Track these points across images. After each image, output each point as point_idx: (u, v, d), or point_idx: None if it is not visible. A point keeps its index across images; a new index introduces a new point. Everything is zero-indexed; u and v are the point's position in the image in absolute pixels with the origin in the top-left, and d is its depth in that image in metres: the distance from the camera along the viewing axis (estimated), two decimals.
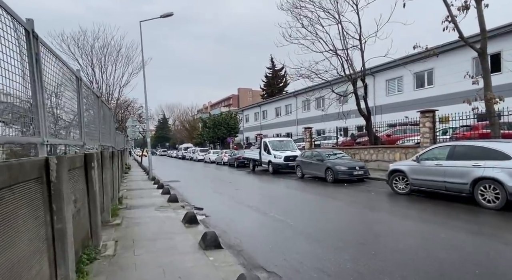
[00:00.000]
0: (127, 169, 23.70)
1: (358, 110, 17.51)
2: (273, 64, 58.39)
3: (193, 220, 6.34)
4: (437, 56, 13.67)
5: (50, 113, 3.13)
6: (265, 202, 9.70)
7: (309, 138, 22.74)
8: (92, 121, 6.00)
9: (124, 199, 9.55)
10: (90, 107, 5.83)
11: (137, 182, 15.05)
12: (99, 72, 28.22)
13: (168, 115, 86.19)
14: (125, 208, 8.05)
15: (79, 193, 4.00)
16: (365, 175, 13.16)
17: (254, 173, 19.94)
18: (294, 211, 8.04)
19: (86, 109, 5.40)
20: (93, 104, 6.06)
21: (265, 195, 11.24)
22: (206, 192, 12.23)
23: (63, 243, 2.72)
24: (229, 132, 44.58)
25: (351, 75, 17.32)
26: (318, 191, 11.25)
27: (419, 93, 24.02)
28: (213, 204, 9.45)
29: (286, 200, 10.01)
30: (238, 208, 8.77)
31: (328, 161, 13.64)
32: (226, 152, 31.15)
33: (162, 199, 9.62)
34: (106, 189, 6.31)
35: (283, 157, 18.30)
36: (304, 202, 9.51)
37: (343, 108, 18.45)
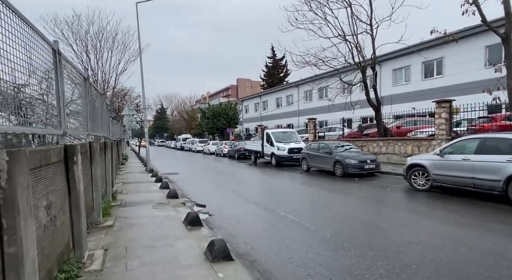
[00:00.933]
0: (124, 160, 22.87)
1: (367, 100, 16.64)
2: (273, 54, 57.04)
3: (196, 221, 5.55)
4: (456, 42, 12.74)
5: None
6: (272, 198, 8.92)
7: (313, 130, 21.90)
8: (78, 107, 5.12)
9: (119, 194, 8.75)
10: (81, 93, 4.95)
11: (134, 175, 14.24)
12: (94, 58, 27.11)
13: (166, 105, 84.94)
14: (119, 205, 7.24)
15: (55, 196, 3.17)
16: (377, 169, 12.39)
17: (256, 166, 19.17)
18: (305, 209, 7.26)
19: (72, 91, 4.53)
20: (80, 87, 5.18)
21: (271, 190, 10.47)
22: (208, 186, 11.45)
23: (18, 273, 1.90)
24: (229, 123, 43.64)
25: (360, 63, 16.37)
26: (328, 186, 10.48)
27: (427, 83, 23.12)
28: (216, 200, 8.67)
29: (294, 196, 9.24)
30: (243, 205, 7.99)
31: (337, 154, 12.84)
32: (226, 143, 30.32)
33: (160, 195, 8.82)
34: (96, 185, 5.49)
35: (287, 149, 17.50)
36: (314, 198, 8.73)
37: (346, 99, 17.57)
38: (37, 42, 3.09)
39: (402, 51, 24.07)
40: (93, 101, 6.15)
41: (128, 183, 11.39)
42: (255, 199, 8.62)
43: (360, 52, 16.17)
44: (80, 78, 5.22)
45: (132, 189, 9.80)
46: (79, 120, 5.29)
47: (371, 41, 15.77)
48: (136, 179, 12.61)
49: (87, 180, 5.00)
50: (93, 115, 6.64)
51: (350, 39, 16.04)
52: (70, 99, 4.46)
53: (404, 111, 17.89)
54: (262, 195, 9.43)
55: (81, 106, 5.34)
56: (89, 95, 5.51)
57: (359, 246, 4.63)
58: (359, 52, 16.17)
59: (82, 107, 5.38)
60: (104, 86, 28.13)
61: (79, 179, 3.85)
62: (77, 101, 5.04)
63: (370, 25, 15.48)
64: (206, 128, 47.72)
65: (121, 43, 27.70)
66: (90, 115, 5.53)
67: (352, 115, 23.40)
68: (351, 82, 16.93)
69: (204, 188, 11.01)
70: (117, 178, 12.51)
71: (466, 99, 13.67)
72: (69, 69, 4.35)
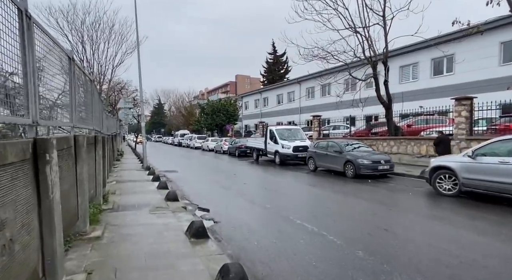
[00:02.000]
0: (119, 155, 21.88)
1: (377, 97, 15.79)
2: (274, 50, 56.06)
3: (201, 232, 4.65)
4: (481, 34, 11.88)
5: None
6: (283, 201, 8.04)
7: (318, 127, 21.03)
8: (60, 93, 4.18)
9: (112, 195, 7.82)
10: (65, 76, 4.02)
11: (130, 172, 13.29)
12: (90, 50, 26.02)
13: (164, 101, 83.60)
14: (111, 209, 6.32)
15: (13, 210, 2.26)
16: (391, 170, 11.55)
17: (259, 164, 18.28)
18: (323, 216, 6.38)
19: (51, 74, 3.59)
20: (63, 68, 4.24)
21: (279, 192, 9.59)
22: (209, 187, 10.54)
23: None
24: (228, 119, 42.64)
25: (371, 57, 15.49)
26: (341, 189, 9.63)
27: (436, 80, 22.31)
28: (221, 203, 7.77)
29: (307, 200, 8.36)
30: (252, 209, 7.10)
31: (348, 154, 11.98)
32: (226, 140, 29.39)
33: (158, 196, 7.91)
34: (82, 188, 4.56)
35: (292, 147, 16.61)
36: (330, 203, 7.86)
37: (354, 95, 16.71)
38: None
39: (410, 47, 23.22)
40: (81, 88, 5.21)
41: (123, 182, 10.45)
42: (264, 202, 7.74)
43: (371, 46, 15.28)
44: (63, 58, 4.28)
45: (126, 189, 8.87)
46: (61, 109, 4.36)
47: (384, 34, 14.88)
48: (131, 177, 11.67)
49: (69, 182, 4.08)
50: (82, 105, 5.70)
51: (360, 32, 15.14)
52: (47, 82, 3.52)
53: (411, 109, 17.09)
54: (270, 198, 8.54)
55: (65, 91, 4.40)
56: (74, 79, 4.56)
57: (403, 269, 3.76)
58: (370, 46, 15.28)
59: (65, 93, 4.45)
60: (100, 78, 27.07)
61: (54, 184, 2.93)
62: (59, 85, 4.10)
63: (383, 16, 14.58)
64: (205, 124, 46.68)
65: (118, 34, 26.67)
66: (75, 103, 4.58)
67: (357, 113, 22.55)
68: (364, 78, 16.03)
69: (206, 189, 10.11)
70: (111, 176, 11.57)
71: (478, 97, 12.83)
72: (45, 42, 3.40)
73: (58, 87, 4.08)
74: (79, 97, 5.48)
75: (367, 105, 18.83)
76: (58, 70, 4.16)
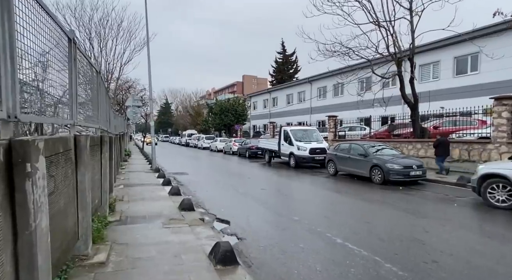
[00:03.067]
0: (127, 156, 21.14)
1: (402, 96, 14.74)
2: (283, 49, 55.06)
3: (230, 258, 3.73)
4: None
5: None
6: (312, 212, 7.08)
7: (334, 128, 19.98)
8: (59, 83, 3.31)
9: (119, 203, 6.96)
10: (64, 63, 3.16)
11: (138, 174, 12.47)
12: (98, 47, 25.42)
13: (171, 100, 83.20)
14: (118, 221, 5.44)
15: None
16: (423, 176, 10.50)
17: (272, 166, 17.34)
18: (368, 235, 5.40)
19: (41, 53, 2.72)
20: (62, 52, 3.37)
21: (304, 201, 8.62)
22: (225, 192, 9.63)
23: None
24: (237, 119, 41.79)
25: (396, 54, 14.43)
26: (373, 198, 8.64)
27: (459, 80, 21.11)
28: (241, 212, 6.84)
29: (339, 211, 7.36)
30: (279, 223, 6.16)
31: (375, 157, 10.96)
32: (236, 140, 28.51)
33: (170, 204, 7.02)
34: (83, 200, 3.69)
35: (308, 149, 15.64)
36: (368, 216, 6.87)
37: (375, 94, 15.62)
38: None
39: (430, 45, 22.03)
40: (83, 76, 4.34)
41: (131, 186, 9.61)
42: (290, 212, 6.79)
43: (396, 41, 14.23)
44: (62, 39, 3.41)
45: (135, 195, 8.01)
46: (64, 105, 3.49)
47: (410, 28, 13.82)
48: (140, 180, 10.83)
49: (67, 195, 3.20)
50: (86, 100, 4.83)
51: (384, 26, 14.09)
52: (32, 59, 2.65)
53: (431, 110, 15.98)
54: (295, 207, 7.59)
55: (63, 81, 3.54)
56: (75, 67, 3.69)
57: None
58: (394, 41, 14.23)
59: (63, 83, 3.59)
60: (107, 76, 26.45)
61: (38, 207, 2.04)
62: (59, 76, 3.23)
63: (409, 9, 13.52)
64: (213, 124, 45.92)
65: (126, 31, 26.03)
66: (76, 97, 3.71)
67: (371, 114, 21.43)
68: (383, 76, 14.97)
69: (221, 194, 9.20)
70: (118, 179, 10.75)
71: None
72: (35, 10, 2.52)
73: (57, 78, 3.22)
74: (84, 91, 4.62)
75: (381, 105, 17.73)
76: (59, 55, 3.29)
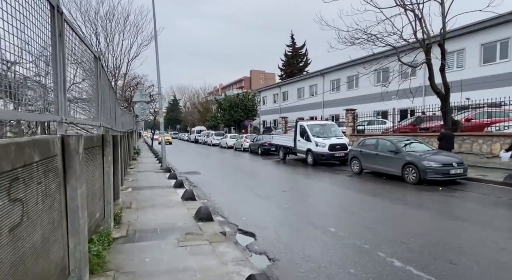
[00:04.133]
0: (136, 154, 20.44)
1: (431, 85, 13.51)
2: (293, 42, 53.59)
3: None
4: None
5: None
6: (350, 222, 6.08)
7: (352, 122, 18.83)
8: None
9: (126, 211, 6.10)
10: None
11: (147, 175, 11.65)
12: (105, 42, 24.69)
13: (179, 97, 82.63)
14: (124, 238, 4.54)
15: None
16: (464, 174, 9.37)
17: (287, 164, 16.35)
18: (432, 253, 4.39)
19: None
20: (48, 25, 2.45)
21: (335, 205, 7.62)
22: (243, 195, 8.69)
23: None
24: (247, 115, 40.82)
25: (424, 40, 13.18)
26: (414, 201, 7.59)
27: (487, 69, 19.64)
28: (266, 222, 5.89)
29: (381, 219, 6.30)
30: (315, 236, 5.17)
31: (408, 154, 9.86)
32: (247, 136, 27.57)
33: (185, 212, 6.12)
34: (74, 222, 2.79)
35: (327, 145, 14.58)
36: (421, 227, 5.84)
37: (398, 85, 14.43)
38: None
39: (455, 31, 20.53)
40: (75, 61, 3.41)
41: (140, 188, 8.76)
42: (324, 222, 5.81)
43: (424, 27, 12.96)
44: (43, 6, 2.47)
45: (145, 201, 7.13)
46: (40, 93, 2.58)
47: (441, 12, 12.54)
48: (150, 182, 9.98)
49: (48, 221, 2.29)
50: (80, 90, 3.91)
51: (412, 9, 12.82)
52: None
53: (456, 102, 14.69)
54: (329, 215, 6.59)
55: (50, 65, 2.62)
56: (61, 44, 2.75)
57: None
58: (422, 27, 12.97)
59: (48, 67, 2.67)
60: (115, 73, 25.75)
61: None
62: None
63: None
64: (222, 120, 45.08)
65: (133, 25, 25.25)
66: (63, 84, 2.78)
67: (386, 107, 20.20)
68: (410, 64, 13.73)
69: (239, 198, 8.26)
70: (126, 180, 9.93)
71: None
72: None
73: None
74: (79, 81, 3.69)
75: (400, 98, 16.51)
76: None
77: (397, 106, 19.46)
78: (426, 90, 22.98)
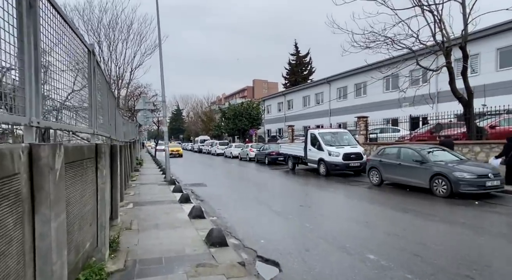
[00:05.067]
0: (139, 165, 19.63)
1: (453, 90, 12.72)
2: (297, 50, 53.35)
3: None
4: None
5: None
6: (391, 247, 5.16)
7: (365, 130, 17.96)
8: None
9: (126, 232, 5.23)
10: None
11: (150, 188, 10.80)
12: (108, 51, 24.28)
13: (182, 107, 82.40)
14: (121, 272, 3.66)
15: None
16: (501, 186, 8.43)
17: (297, 174, 15.45)
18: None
19: None
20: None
21: (362, 223, 6.70)
22: (257, 211, 7.78)
23: None
24: (251, 124, 40.05)
25: (443, 42, 12.44)
26: (452, 218, 6.67)
27: (503, 74, 18.81)
28: (290, 247, 4.99)
29: (426, 242, 5.40)
30: (354, 267, 4.26)
31: (436, 164, 8.96)
32: (252, 146, 26.75)
33: (194, 234, 5.24)
34: (43, 271, 1.94)
35: (341, 154, 13.70)
36: (481, 252, 4.93)
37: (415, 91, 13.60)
38: None
39: (469, 35, 19.88)
40: (67, 58, 2.64)
41: (142, 204, 7.90)
42: (359, 247, 4.90)
43: (443, 28, 12.25)
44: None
45: (147, 219, 6.27)
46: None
47: (462, 11, 11.84)
48: (153, 196, 9.13)
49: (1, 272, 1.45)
50: (67, 87, 3.12)
51: (431, 10, 12.13)
52: None
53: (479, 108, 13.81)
54: (362, 237, 5.67)
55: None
56: (34, 16, 1.97)
57: None
58: (442, 29, 12.24)
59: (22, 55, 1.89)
60: (118, 82, 25.26)
61: None
62: None
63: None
64: (226, 129, 44.35)
65: (137, 34, 24.90)
66: (33, 72, 1.98)
67: (397, 115, 19.42)
68: (431, 68, 12.96)
69: (253, 215, 7.35)
70: (127, 194, 9.09)
71: None
72: None
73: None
74: (62, 74, 2.91)
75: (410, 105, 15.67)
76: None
77: (407, 114, 18.67)
78: (439, 96, 22.24)
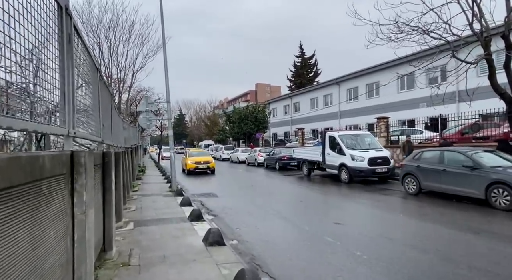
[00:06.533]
0: (141, 172, 18.29)
1: (493, 86, 11.26)
2: (302, 52, 52.16)
3: None
4: None
5: None
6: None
7: (385, 132, 16.53)
8: None
9: (122, 271, 3.86)
10: None
11: (154, 200, 9.42)
12: (108, 52, 23.08)
13: (185, 111, 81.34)
14: None
15: None
16: None
17: (315, 181, 14.03)
18: None
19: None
20: None
21: (423, 252, 5.26)
22: (285, 231, 6.36)
23: None
24: (257, 127, 38.69)
25: (482, 32, 11.06)
26: None
27: None
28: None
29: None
30: None
31: (494, 170, 7.52)
32: (261, 150, 25.38)
33: (216, 273, 3.85)
34: None
35: (366, 159, 12.26)
36: None
37: (446, 87, 12.21)
38: None
39: (501, 27, 18.40)
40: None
41: (145, 223, 6.51)
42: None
43: (481, 17, 10.87)
44: None
45: (151, 249, 4.87)
46: None
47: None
48: (158, 211, 7.74)
49: None
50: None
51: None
52: None
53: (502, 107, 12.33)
54: (426, 268, 4.26)
55: None
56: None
57: None
58: (480, 17, 10.87)
59: None
60: (119, 85, 24.05)
61: None
62: None
63: None
64: (231, 134, 43.01)
65: (138, 35, 23.71)
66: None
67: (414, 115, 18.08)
68: (467, 61, 11.56)
69: (283, 238, 5.94)
70: (127, 210, 7.71)
71: None
72: None
73: None
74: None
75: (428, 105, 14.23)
76: None
77: (425, 114, 17.31)
78: (460, 95, 20.75)
